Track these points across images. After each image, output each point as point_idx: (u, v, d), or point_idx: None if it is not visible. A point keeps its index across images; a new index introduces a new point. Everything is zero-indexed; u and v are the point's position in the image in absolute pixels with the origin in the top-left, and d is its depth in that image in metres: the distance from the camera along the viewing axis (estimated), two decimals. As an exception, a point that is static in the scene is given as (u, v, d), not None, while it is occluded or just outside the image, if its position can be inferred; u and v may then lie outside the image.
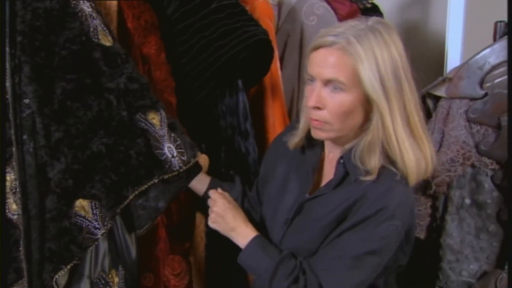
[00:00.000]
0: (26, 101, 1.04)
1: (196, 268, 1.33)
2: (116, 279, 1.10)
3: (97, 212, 1.05)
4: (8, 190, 1.08)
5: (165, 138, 1.13)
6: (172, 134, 1.14)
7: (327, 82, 1.04)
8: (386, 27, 1.05)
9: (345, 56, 1.02)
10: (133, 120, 1.10)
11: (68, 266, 1.03)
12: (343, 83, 1.03)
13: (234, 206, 1.18)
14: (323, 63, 1.04)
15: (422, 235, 1.55)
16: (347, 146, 1.10)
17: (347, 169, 1.09)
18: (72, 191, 1.05)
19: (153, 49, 1.24)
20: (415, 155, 1.05)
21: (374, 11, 1.79)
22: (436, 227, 1.54)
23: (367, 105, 1.04)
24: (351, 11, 1.65)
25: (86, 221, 1.05)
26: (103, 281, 1.08)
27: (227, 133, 1.40)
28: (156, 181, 1.11)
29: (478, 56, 1.43)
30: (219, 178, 1.36)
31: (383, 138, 1.04)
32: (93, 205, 1.05)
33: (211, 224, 1.18)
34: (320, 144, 1.17)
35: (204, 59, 1.32)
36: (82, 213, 1.05)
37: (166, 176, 1.13)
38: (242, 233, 1.13)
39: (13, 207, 1.08)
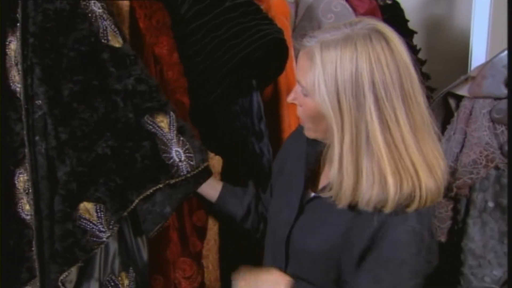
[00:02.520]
0: (38, 102, 1.05)
1: (209, 270, 1.32)
2: (126, 282, 1.10)
3: (102, 215, 1.05)
4: (21, 190, 1.10)
5: (173, 141, 1.12)
6: (181, 138, 1.13)
7: (298, 83, 1.05)
8: (371, 37, 0.96)
9: (309, 63, 0.99)
10: (140, 122, 1.10)
11: (72, 268, 1.04)
12: (304, 88, 1.01)
13: (252, 271, 1.15)
14: (297, 64, 1.04)
15: (442, 238, 1.51)
16: None
17: None
18: (76, 194, 1.05)
19: (165, 49, 1.24)
20: (358, 182, 0.97)
21: (395, 8, 1.75)
22: (458, 231, 1.50)
23: None
24: (370, 9, 1.62)
25: (91, 224, 1.05)
26: (112, 283, 1.08)
27: (241, 134, 1.39)
28: (161, 185, 1.11)
29: (503, 54, 1.39)
30: (232, 179, 1.35)
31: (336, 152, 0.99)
32: (97, 208, 1.05)
33: None
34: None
35: (218, 59, 1.31)
36: (87, 216, 1.05)
37: (172, 181, 1.11)
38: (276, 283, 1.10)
39: (26, 207, 1.09)
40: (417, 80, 1.00)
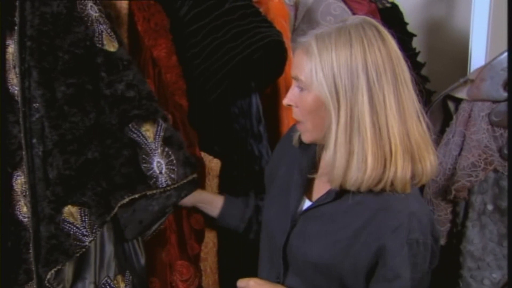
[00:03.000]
0: (36, 105, 1.05)
1: (207, 274, 1.32)
2: (123, 285, 1.10)
3: (86, 219, 1.05)
4: (19, 193, 1.09)
5: (156, 152, 1.10)
6: (166, 149, 1.11)
7: (295, 81, 1.05)
8: (364, 26, 1.00)
9: (306, 56, 1.02)
10: (123, 130, 1.09)
11: (52, 271, 1.03)
12: (303, 82, 1.03)
13: (266, 282, 1.13)
14: (293, 62, 1.06)
15: (442, 241, 1.51)
16: None
17: None
18: (62, 197, 1.05)
19: (163, 51, 1.24)
20: (348, 162, 0.99)
21: (394, 11, 1.75)
22: (456, 233, 1.50)
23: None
24: (369, 11, 1.62)
25: (74, 228, 1.04)
26: (108, 287, 1.08)
27: (240, 135, 1.39)
28: (136, 196, 1.09)
29: (502, 57, 1.39)
30: (231, 182, 1.35)
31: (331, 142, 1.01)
32: (82, 212, 1.05)
33: None
34: (316, 145, 1.14)
35: (216, 61, 1.31)
36: (71, 219, 1.04)
37: (149, 192, 1.11)
38: None
39: (23, 209, 1.09)
40: (408, 70, 1.02)
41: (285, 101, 1.07)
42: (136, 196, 1.09)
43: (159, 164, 1.10)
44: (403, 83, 1.01)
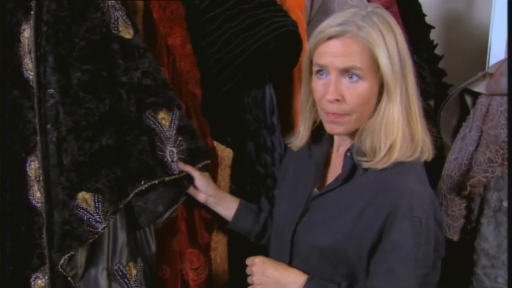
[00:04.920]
0: (50, 90, 1.05)
1: (217, 263, 1.32)
2: (134, 272, 1.10)
3: (100, 206, 1.05)
4: (32, 178, 1.10)
5: (170, 140, 1.11)
6: (179, 138, 1.12)
7: (343, 72, 1.03)
8: (385, 12, 1.06)
9: (359, 43, 1.01)
10: (141, 116, 1.09)
11: (65, 256, 1.04)
12: (361, 70, 1.02)
13: (270, 259, 1.14)
14: (337, 52, 1.02)
15: (455, 238, 1.50)
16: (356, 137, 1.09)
17: (354, 161, 1.07)
18: (76, 183, 1.05)
19: (178, 40, 1.23)
20: (406, 138, 1.05)
21: (412, 2, 1.72)
22: (471, 230, 1.48)
23: (380, 90, 1.05)
24: (387, 2, 1.59)
25: (88, 214, 1.05)
26: (120, 273, 1.08)
27: (253, 126, 1.38)
28: (156, 182, 1.10)
29: (522, 51, 1.35)
30: (243, 172, 1.34)
31: (384, 121, 1.05)
32: (95, 198, 1.05)
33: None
34: (327, 139, 1.14)
35: (231, 50, 1.30)
36: (84, 205, 1.04)
37: (167, 179, 1.11)
38: (292, 279, 1.09)
39: (37, 195, 1.10)
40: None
41: (331, 97, 1.03)
42: (156, 181, 1.10)
43: (171, 153, 1.11)
44: (411, 66, 1.08)
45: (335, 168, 1.12)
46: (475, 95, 1.46)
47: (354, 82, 1.02)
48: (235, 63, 1.30)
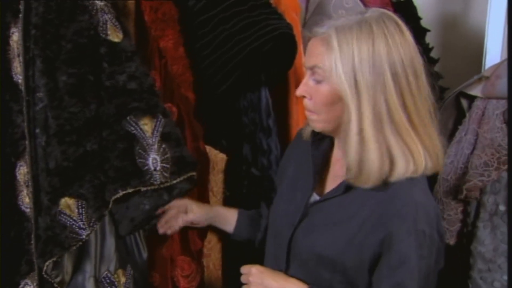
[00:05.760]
0: (39, 94, 1.04)
1: (210, 270, 1.31)
2: (123, 279, 1.08)
3: (83, 212, 1.03)
4: (22, 183, 1.09)
5: (153, 148, 1.08)
6: (163, 145, 1.09)
7: (311, 71, 1.04)
8: (384, 19, 1.01)
9: (324, 48, 1.01)
10: (120, 122, 1.06)
11: (47, 262, 1.02)
12: (320, 74, 1.02)
13: (267, 269, 1.13)
14: (310, 51, 1.04)
15: (451, 241, 1.49)
16: None
17: None
18: (59, 188, 1.03)
19: (170, 42, 1.22)
20: (380, 156, 0.99)
21: (407, 5, 1.72)
22: (467, 234, 1.48)
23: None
24: (382, 4, 1.59)
25: (71, 220, 1.03)
26: (108, 281, 1.07)
27: (249, 129, 1.37)
28: (130, 191, 1.07)
29: (518, 54, 1.35)
30: (239, 176, 1.33)
31: (350, 133, 1.01)
32: (79, 204, 1.03)
33: None
34: (328, 142, 1.13)
35: (225, 52, 1.29)
36: (67, 211, 1.03)
37: (143, 189, 1.08)
38: None
39: (26, 200, 1.09)
40: (424, 65, 1.03)
41: (298, 92, 1.05)
42: (130, 191, 1.06)
43: (154, 161, 1.08)
44: (421, 75, 1.02)
45: (335, 172, 1.11)
46: (471, 98, 1.46)
47: (317, 83, 1.03)
48: (229, 65, 1.30)
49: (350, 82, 0.98)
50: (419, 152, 1.01)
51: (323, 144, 1.13)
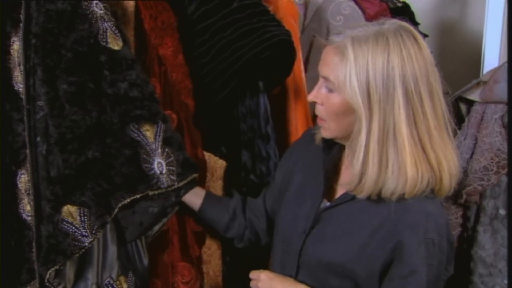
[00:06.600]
0: (40, 103, 1.05)
1: (210, 276, 1.30)
2: (125, 286, 1.09)
3: (85, 220, 1.03)
4: (23, 191, 1.09)
5: (157, 152, 1.09)
6: (166, 149, 1.10)
7: (324, 80, 1.04)
8: (402, 33, 0.99)
9: (338, 57, 1.00)
10: (124, 129, 1.08)
11: (50, 270, 1.03)
12: (333, 83, 1.01)
13: (276, 274, 1.12)
14: (324, 60, 1.03)
15: (452, 246, 1.49)
16: None
17: None
18: (61, 196, 1.04)
19: (170, 50, 1.23)
20: (378, 170, 0.99)
21: (405, 10, 1.72)
22: (467, 238, 1.48)
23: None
24: (380, 11, 1.60)
25: (73, 228, 1.03)
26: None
27: (248, 136, 1.37)
28: (138, 196, 1.08)
29: (516, 58, 1.35)
30: (237, 182, 1.33)
31: (359, 143, 1.00)
32: (81, 212, 1.04)
33: None
34: (338, 148, 1.13)
35: (224, 60, 1.30)
36: (70, 219, 1.03)
37: (151, 193, 1.09)
38: None
39: (27, 208, 1.09)
40: (439, 79, 1.02)
41: (310, 98, 1.05)
42: (138, 196, 1.08)
43: (159, 165, 1.09)
44: (436, 93, 1.01)
45: (345, 178, 1.10)
46: (470, 103, 1.46)
47: (329, 91, 1.03)
48: (228, 72, 1.30)
49: (364, 96, 0.98)
50: (416, 174, 0.98)
51: (333, 149, 1.12)
